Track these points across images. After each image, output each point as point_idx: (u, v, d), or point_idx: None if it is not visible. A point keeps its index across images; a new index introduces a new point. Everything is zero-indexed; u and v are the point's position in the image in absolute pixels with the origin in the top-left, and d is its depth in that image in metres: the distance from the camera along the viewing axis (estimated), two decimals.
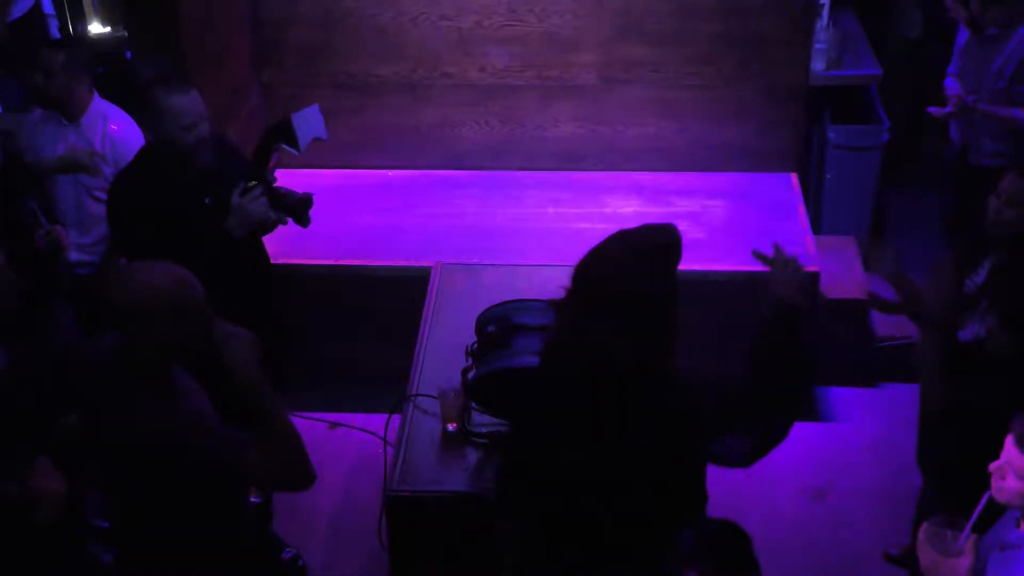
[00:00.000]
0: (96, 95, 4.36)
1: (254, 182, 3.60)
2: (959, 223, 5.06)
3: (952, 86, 4.91)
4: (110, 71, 5.12)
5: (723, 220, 5.10)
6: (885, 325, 4.97)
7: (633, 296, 2.61)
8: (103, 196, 4.34)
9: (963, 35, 4.87)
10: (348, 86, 5.43)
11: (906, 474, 4.08)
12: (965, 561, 2.53)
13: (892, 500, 4.32)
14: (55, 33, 5.77)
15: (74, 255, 4.35)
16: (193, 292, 2.65)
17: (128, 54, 5.22)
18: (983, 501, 2.59)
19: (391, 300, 4.64)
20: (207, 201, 3.66)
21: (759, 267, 4.61)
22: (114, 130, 4.31)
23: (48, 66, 4.25)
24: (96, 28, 5.64)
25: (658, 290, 2.65)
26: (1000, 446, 2.59)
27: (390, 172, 5.58)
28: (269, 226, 3.70)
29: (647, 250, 2.71)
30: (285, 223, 3.69)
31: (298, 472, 2.71)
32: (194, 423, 2.68)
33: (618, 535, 2.71)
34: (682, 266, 4.31)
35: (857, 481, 4.51)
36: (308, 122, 3.74)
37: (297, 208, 3.73)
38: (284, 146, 3.74)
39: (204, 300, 2.67)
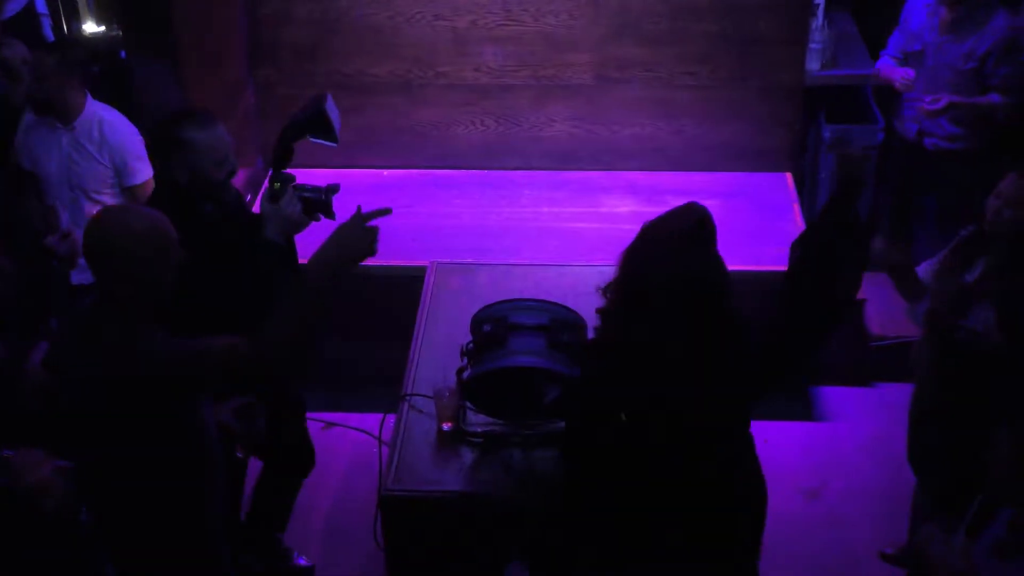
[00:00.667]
0: (89, 97, 4.33)
1: (278, 184, 3.44)
2: (918, 210, 5.10)
3: (886, 65, 4.94)
4: (105, 71, 5.11)
5: (718, 219, 5.04)
6: (879, 325, 4.97)
7: (677, 283, 2.70)
8: (102, 199, 4.33)
9: (917, 18, 4.88)
10: (343, 85, 5.42)
11: (901, 473, 4.08)
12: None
13: (887, 499, 4.32)
14: (48, 33, 5.76)
15: None
16: (167, 231, 2.73)
17: (123, 53, 5.21)
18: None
19: (386, 299, 4.63)
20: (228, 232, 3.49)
21: (754, 266, 4.64)
22: (109, 133, 4.29)
23: (39, 69, 4.23)
24: (90, 27, 5.62)
25: (702, 270, 2.75)
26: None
27: (385, 171, 5.58)
28: (303, 226, 3.52)
29: (677, 234, 2.80)
30: (318, 219, 3.55)
31: (290, 363, 2.73)
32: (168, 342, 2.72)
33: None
34: None
35: (852, 480, 4.51)
36: (334, 112, 3.59)
37: (327, 204, 3.56)
38: (315, 140, 3.57)
39: (177, 240, 2.74)
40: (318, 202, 3.52)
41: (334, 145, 3.61)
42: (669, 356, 2.72)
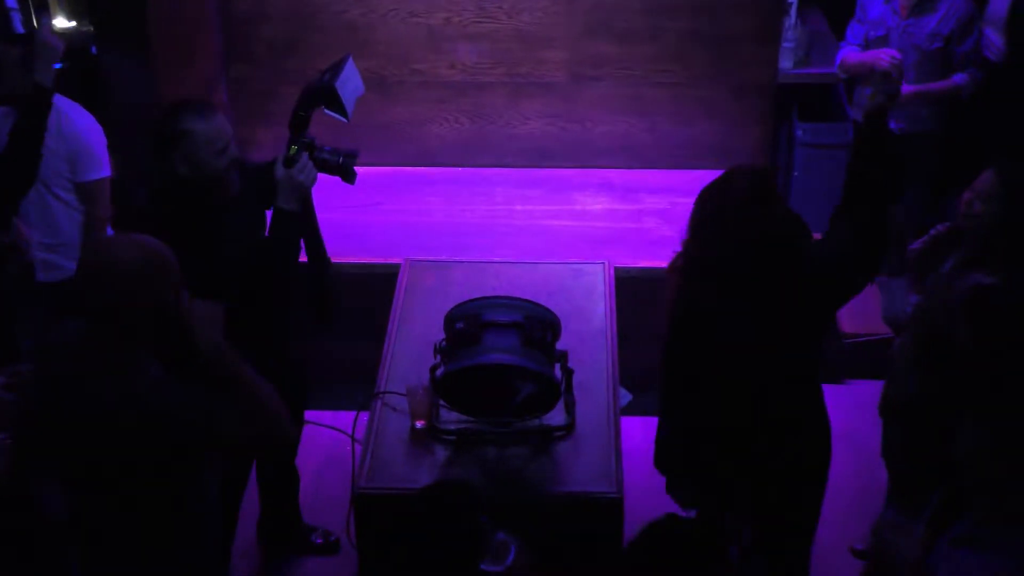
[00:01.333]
0: None
1: (295, 147, 3.41)
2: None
3: (853, 53, 4.96)
4: (75, 67, 5.06)
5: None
6: (852, 322, 5.00)
7: (763, 245, 2.98)
8: (63, 195, 4.30)
9: (874, 6, 4.92)
10: None
11: (872, 470, 4.11)
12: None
13: (858, 495, 4.34)
14: (18, 27, 5.70)
15: (39, 254, 4.29)
16: (166, 254, 2.65)
17: (94, 49, 5.17)
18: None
19: (360, 297, 4.62)
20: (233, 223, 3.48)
21: None
22: (66, 124, 4.25)
23: (2, 60, 4.18)
24: (61, 23, 5.58)
25: (781, 227, 3.01)
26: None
27: (360, 168, 5.55)
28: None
29: (744, 199, 3.01)
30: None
31: (275, 431, 2.69)
32: (167, 390, 2.65)
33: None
34: (649, 263, 4.40)
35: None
36: (350, 83, 3.57)
37: (345, 167, 3.54)
38: (329, 112, 3.56)
39: (176, 262, 2.66)
40: (335, 165, 3.50)
41: (344, 120, 3.59)
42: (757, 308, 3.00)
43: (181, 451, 2.63)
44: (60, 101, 4.29)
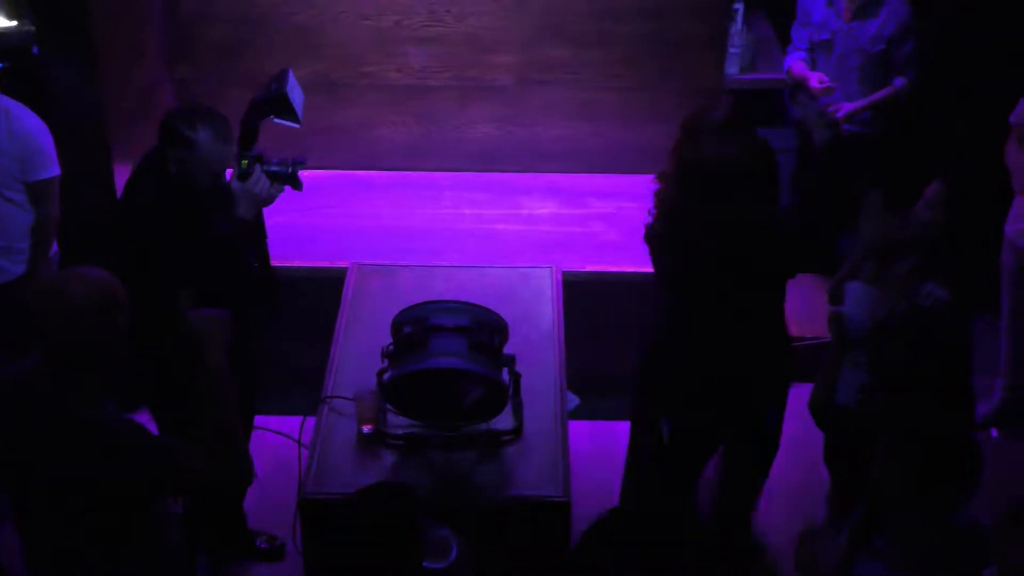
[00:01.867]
0: None
1: (246, 161, 3.55)
2: (830, 193, 5.19)
3: (797, 64, 5.01)
4: (15, 67, 4.98)
5: (639, 222, 5.11)
6: (797, 325, 5.04)
7: (737, 166, 3.19)
8: (14, 197, 4.24)
9: (817, 10, 4.97)
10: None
11: (817, 473, 4.15)
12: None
13: (803, 498, 4.38)
14: None
15: None
16: (117, 290, 2.65)
17: (35, 50, 5.09)
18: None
19: (306, 301, 4.60)
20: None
21: None
22: (16, 124, 4.20)
23: None
24: (1, 22, 5.49)
25: (756, 151, 3.24)
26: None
27: (307, 172, 5.52)
28: (271, 200, 3.67)
29: (720, 122, 3.38)
30: (283, 191, 3.69)
31: (234, 468, 2.73)
32: (128, 427, 2.65)
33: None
34: (597, 268, 4.44)
35: (769, 480, 4.56)
36: (295, 90, 3.72)
37: (293, 176, 3.70)
38: (278, 120, 3.70)
39: (126, 297, 2.66)
40: (285, 175, 3.65)
41: (296, 126, 3.73)
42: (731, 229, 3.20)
43: (142, 485, 2.63)
44: (7, 102, 4.24)
